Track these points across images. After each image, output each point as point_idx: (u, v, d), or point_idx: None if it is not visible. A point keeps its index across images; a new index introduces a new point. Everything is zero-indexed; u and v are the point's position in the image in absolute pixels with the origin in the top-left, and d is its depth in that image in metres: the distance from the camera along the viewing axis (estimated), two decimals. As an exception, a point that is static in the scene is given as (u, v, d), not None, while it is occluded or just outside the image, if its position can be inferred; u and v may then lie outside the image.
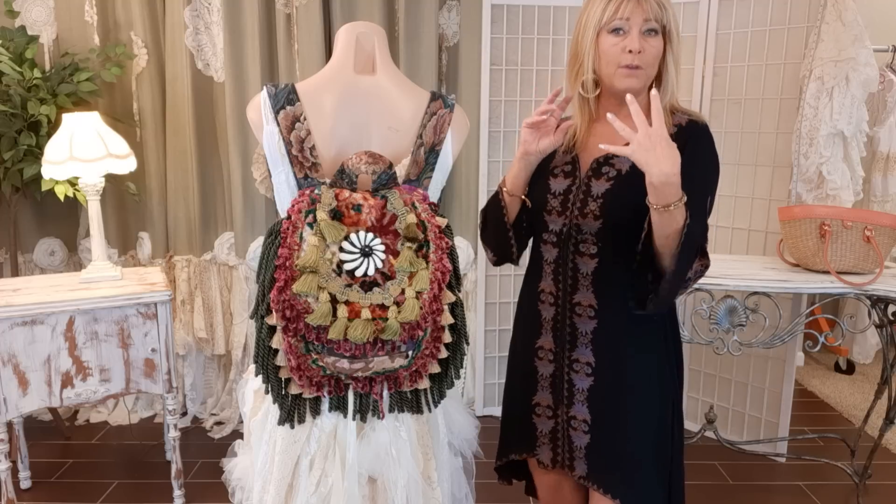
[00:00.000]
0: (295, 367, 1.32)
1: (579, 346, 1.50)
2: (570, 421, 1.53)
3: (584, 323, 1.49)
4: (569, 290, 1.50)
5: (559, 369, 1.54)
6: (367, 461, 1.43)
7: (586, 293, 1.48)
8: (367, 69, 1.49)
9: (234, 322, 3.17)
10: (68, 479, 2.73)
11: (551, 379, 1.55)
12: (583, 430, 1.52)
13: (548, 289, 1.53)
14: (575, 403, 1.52)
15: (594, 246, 1.46)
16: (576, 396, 1.52)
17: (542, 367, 1.56)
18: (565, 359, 1.52)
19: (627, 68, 1.41)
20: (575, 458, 1.53)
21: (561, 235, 1.50)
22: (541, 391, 1.57)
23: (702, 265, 1.39)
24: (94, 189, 2.44)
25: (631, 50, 1.40)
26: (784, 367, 2.87)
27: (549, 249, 1.53)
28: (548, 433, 1.57)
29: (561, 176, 1.53)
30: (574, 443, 1.53)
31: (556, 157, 1.55)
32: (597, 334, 1.48)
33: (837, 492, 2.67)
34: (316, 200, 1.32)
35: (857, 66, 2.60)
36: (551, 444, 1.57)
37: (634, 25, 1.40)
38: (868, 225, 2.29)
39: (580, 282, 1.48)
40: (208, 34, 3.01)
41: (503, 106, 3.12)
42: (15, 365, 2.23)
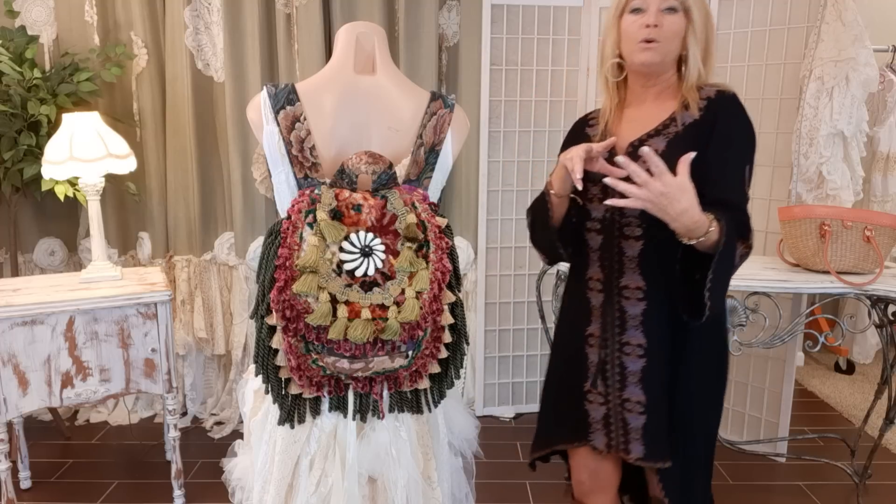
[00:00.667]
0: (295, 367, 1.32)
1: (629, 329, 1.53)
2: (624, 403, 1.54)
3: (632, 306, 1.52)
4: (616, 275, 1.53)
5: (609, 355, 1.55)
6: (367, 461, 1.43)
7: (634, 276, 1.51)
8: (367, 69, 1.49)
9: (234, 322, 3.17)
10: (68, 479, 2.73)
11: (600, 365, 1.57)
12: (638, 410, 1.53)
13: (595, 276, 1.57)
14: (628, 386, 1.53)
15: (638, 228, 1.49)
16: (628, 379, 1.53)
17: (593, 354, 1.58)
18: (615, 343, 1.54)
19: (644, 42, 1.46)
20: (630, 441, 1.54)
21: (604, 222, 1.53)
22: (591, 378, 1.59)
23: (745, 248, 1.43)
24: (94, 189, 2.44)
25: (647, 25, 1.45)
26: (784, 367, 2.87)
27: (593, 237, 1.56)
28: (600, 419, 1.58)
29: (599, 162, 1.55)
30: (630, 424, 1.54)
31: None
32: (646, 316, 1.51)
33: (837, 492, 2.67)
34: (316, 200, 1.32)
35: (857, 66, 2.60)
36: (605, 429, 1.58)
37: (653, 4, 1.46)
38: (868, 225, 2.29)
39: (626, 265, 1.52)
40: (208, 34, 3.01)
41: (503, 106, 3.12)
42: (15, 365, 2.23)
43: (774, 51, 2.83)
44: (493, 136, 3.12)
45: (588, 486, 1.66)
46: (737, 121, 1.48)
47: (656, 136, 1.50)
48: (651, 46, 1.47)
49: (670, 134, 1.49)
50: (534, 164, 3.18)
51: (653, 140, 1.49)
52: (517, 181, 3.17)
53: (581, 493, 1.69)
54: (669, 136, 1.49)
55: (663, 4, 1.46)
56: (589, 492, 1.67)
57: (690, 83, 1.50)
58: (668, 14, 1.46)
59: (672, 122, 1.50)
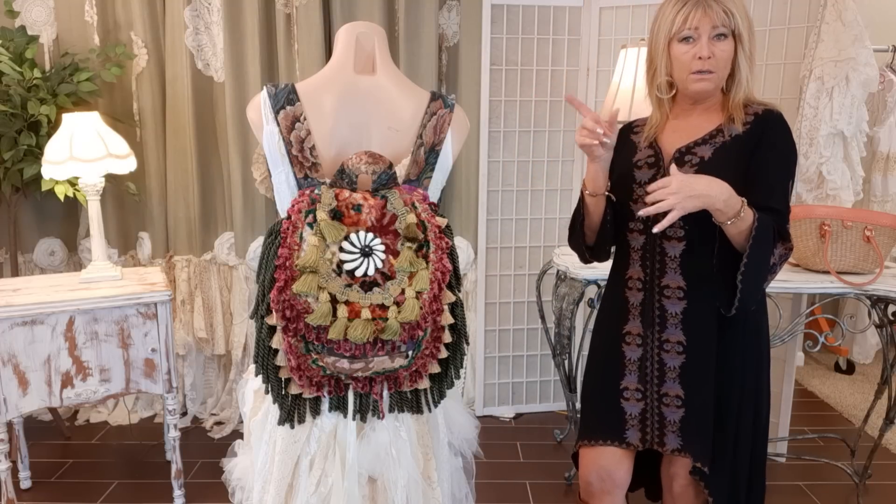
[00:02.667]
0: (295, 367, 1.32)
1: (669, 327, 1.57)
2: (662, 398, 1.58)
3: (673, 304, 1.56)
4: (657, 274, 1.57)
5: (648, 352, 1.59)
6: (367, 461, 1.43)
7: (674, 275, 1.56)
8: (367, 69, 1.49)
9: (234, 322, 3.17)
10: (68, 479, 2.73)
11: (639, 363, 1.60)
12: (675, 405, 1.57)
13: (636, 275, 1.61)
14: (666, 381, 1.58)
15: (681, 230, 1.53)
16: (667, 374, 1.57)
17: (630, 351, 1.61)
18: (654, 341, 1.59)
19: (699, 73, 1.50)
20: (666, 434, 1.58)
21: (647, 222, 1.56)
22: (628, 375, 1.62)
23: (786, 249, 1.49)
24: (94, 189, 2.44)
25: (700, 56, 1.49)
26: (784, 367, 2.87)
27: (635, 237, 1.60)
28: (637, 415, 1.61)
29: (645, 167, 1.59)
30: (667, 418, 1.58)
31: (638, 152, 1.62)
32: (686, 314, 1.55)
33: (837, 492, 2.67)
34: (316, 200, 1.32)
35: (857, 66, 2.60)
36: (640, 424, 1.61)
37: (703, 33, 1.49)
38: (868, 225, 2.29)
39: (668, 265, 1.56)
40: (208, 34, 3.01)
41: (503, 106, 3.12)
42: (15, 365, 2.23)
43: (774, 51, 2.83)
44: (493, 136, 3.12)
45: (597, 488, 1.67)
46: (783, 137, 1.53)
47: (703, 144, 1.55)
48: (706, 77, 1.51)
49: (717, 143, 1.54)
50: (534, 164, 3.18)
51: (700, 148, 1.54)
52: (517, 181, 3.17)
53: (588, 495, 1.70)
54: (716, 144, 1.54)
55: (713, 32, 1.49)
56: (597, 493, 1.68)
57: (738, 101, 1.54)
58: (719, 42, 1.49)
59: (719, 132, 1.55)
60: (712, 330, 1.56)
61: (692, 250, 1.54)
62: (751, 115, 1.55)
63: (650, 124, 1.63)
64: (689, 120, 1.60)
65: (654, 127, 1.62)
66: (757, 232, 1.42)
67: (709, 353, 1.56)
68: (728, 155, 1.52)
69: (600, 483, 1.66)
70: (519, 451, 2.86)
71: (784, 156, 1.53)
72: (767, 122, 1.53)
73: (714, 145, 1.54)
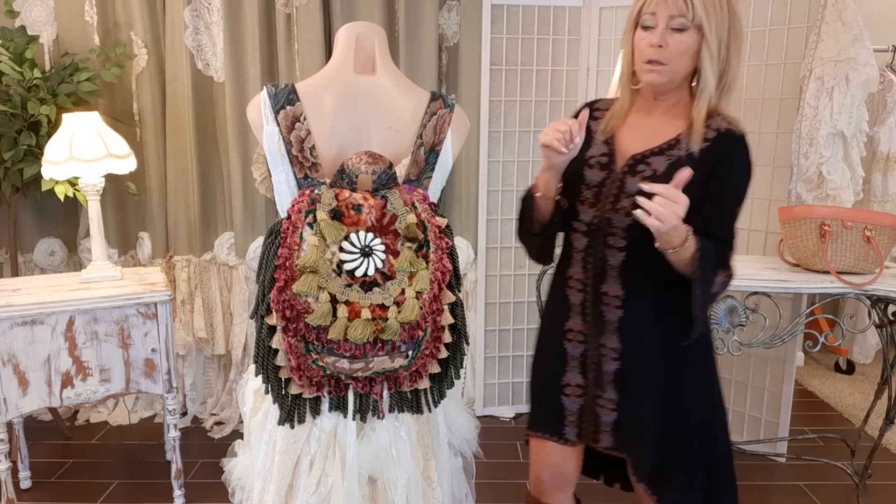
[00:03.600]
0: (295, 367, 1.32)
1: (606, 332, 1.54)
2: (597, 399, 1.56)
3: (610, 312, 1.53)
4: (597, 280, 1.53)
5: (588, 350, 1.57)
6: (367, 461, 1.43)
7: (613, 284, 1.51)
8: (367, 69, 1.49)
9: (234, 322, 3.17)
10: (68, 479, 2.73)
11: (581, 359, 1.58)
12: (609, 408, 1.55)
13: (576, 276, 1.56)
14: (603, 384, 1.55)
15: (622, 240, 1.48)
16: (604, 378, 1.55)
17: (572, 348, 1.59)
18: (594, 342, 1.56)
19: (649, 63, 1.44)
20: (600, 432, 1.57)
21: (591, 226, 1.52)
22: (570, 371, 1.59)
23: (726, 276, 1.45)
24: (94, 189, 2.44)
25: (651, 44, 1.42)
26: (784, 367, 2.87)
27: (578, 238, 1.55)
28: (576, 411, 1.60)
29: (597, 167, 1.53)
30: (601, 419, 1.57)
31: (592, 146, 1.55)
32: (623, 323, 1.52)
33: (837, 492, 2.67)
34: (316, 200, 1.32)
35: (857, 66, 2.60)
36: (578, 421, 1.60)
37: (661, 21, 1.41)
38: (868, 225, 2.29)
39: (608, 272, 1.51)
40: (208, 34, 3.01)
41: (503, 106, 3.11)
42: (15, 365, 2.23)
43: (774, 51, 2.83)
44: (493, 136, 3.12)
45: (548, 485, 1.68)
46: (742, 163, 1.47)
47: (659, 154, 1.48)
48: (655, 69, 1.44)
49: (673, 156, 1.47)
50: (534, 164, 3.18)
51: (655, 158, 1.48)
52: (517, 181, 3.17)
53: (539, 492, 1.70)
54: (672, 158, 1.47)
55: (671, 23, 1.41)
56: (549, 490, 1.69)
57: (700, 107, 1.46)
58: (676, 33, 1.41)
59: (677, 143, 1.48)
60: (652, 342, 1.52)
61: (632, 262, 1.49)
62: (713, 131, 1.46)
63: (611, 113, 1.56)
64: (650, 119, 1.53)
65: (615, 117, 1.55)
66: (701, 263, 1.38)
67: (647, 364, 1.52)
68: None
69: (552, 480, 1.67)
70: (519, 451, 2.85)
71: (739, 183, 1.47)
72: (729, 144, 1.46)
73: (670, 158, 1.47)
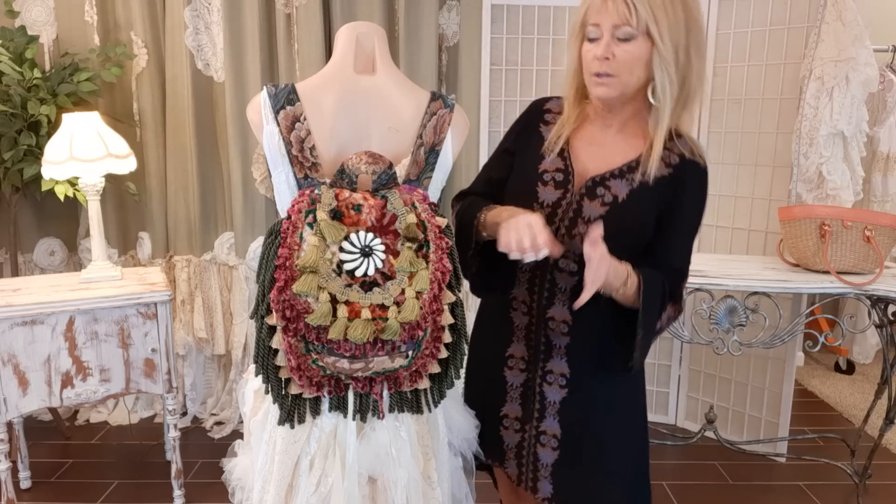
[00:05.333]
0: (295, 367, 1.32)
1: (554, 357, 1.44)
2: (539, 436, 1.46)
3: (557, 337, 1.44)
4: (544, 303, 1.43)
5: (531, 380, 1.47)
6: (367, 461, 1.43)
7: (561, 308, 1.42)
8: (367, 69, 1.49)
9: (234, 322, 3.17)
10: (68, 479, 2.73)
11: (521, 389, 1.48)
12: (552, 445, 1.45)
13: (521, 297, 1.46)
14: (546, 417, 1.45)
15: (575, 264, 1.39)
16: (547, 409, 1.45)
17: (512, 377, 1.49)
18: (538, 369, 1.46)
19: (597, 76, 1.33)
20: (539, 479, 1.48)
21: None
22: (510, 402, 1.51)
23: (675, 311, 1.40)
24: (94, 189, 2.44)
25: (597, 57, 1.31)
26: (784, 367, 2.87)
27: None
28: (514, 447, 1.52)
29: (551, 184, 1.42)
30: (540, 460, 1.47)
31: (546, 156, 1.45)
32: (570, 349, 1.43)
33: (837, 492, 2.67)
34: (316, 200, 1.32)
35: (857, 66, 2.60)
36: (516, 459, 1.52)
37: (605, 31, 1.30)
38: (868, 225, 2.29)
39: (557, 296, 1.42)
40: (208, 34, 3.01)
41: (503, 106, 3.11)
42: (15, 365, 2.23)
43: (774, 51, 2.83)
44: (493, 136, 3.12)
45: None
46: (700, 197, 1.41)
47: (619, 178, 1.39)
48: (604, 81, 1.32)
49: (634, 182, 1.38)
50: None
51: (615, 182, 1.38)
52: (517, 181, 3.17)
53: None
54: (633, 184, 1.38)
55: (616, 32, 1.28)
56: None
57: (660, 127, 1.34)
58: (623, 43, 1.29)
59: (636, 164, 1.38)
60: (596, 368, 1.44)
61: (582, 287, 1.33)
62: (676, 155, 1.37)
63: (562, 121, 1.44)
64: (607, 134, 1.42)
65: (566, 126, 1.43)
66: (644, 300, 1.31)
67: (594, 389, 1.44)
68: (640, 200, 1.37)
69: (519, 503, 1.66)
70: (519, 451, 2.85)
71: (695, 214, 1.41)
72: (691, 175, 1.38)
73: (630, 184, 1.37)
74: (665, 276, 1.37)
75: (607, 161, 1.40)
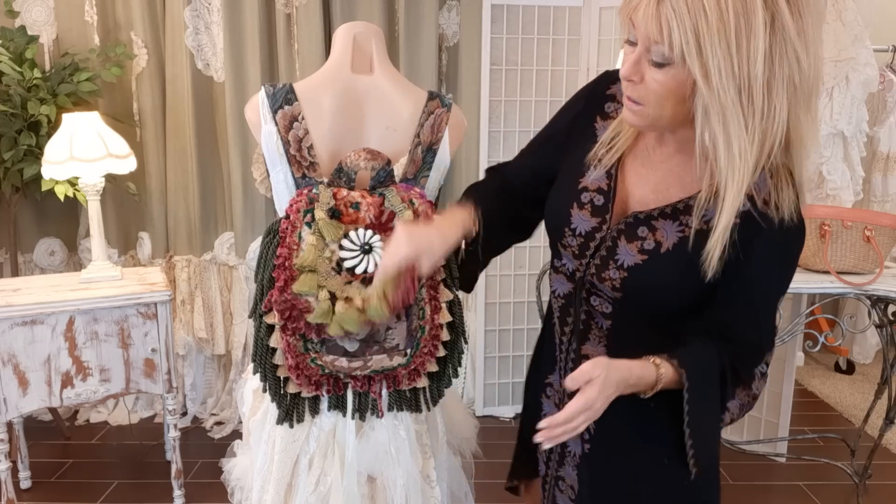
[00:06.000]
0: (293, 366, 1.32)
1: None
2: (558, 482, 1.26)
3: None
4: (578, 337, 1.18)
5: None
6: (366, 460, 1.43)
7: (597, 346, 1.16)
8: (365, 69, 1.49)
9: (234, 322, 3.18)
10: (68, 479, 2.73)
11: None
12: (569, 496, 1.24)
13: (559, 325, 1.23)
14: (565, 465, 1.24)
15: (609, 305, 1.13)
16: (567, 459, 1.23)
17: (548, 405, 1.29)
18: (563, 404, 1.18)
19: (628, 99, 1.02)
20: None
21: (574, 277, 1.17)
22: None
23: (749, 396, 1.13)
24: (94, 189, 2.44)
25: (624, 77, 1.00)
26: (784, 367, 2.86)
27: (561, 281, 1.21)
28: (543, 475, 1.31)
29: (588, 208, 1.13)
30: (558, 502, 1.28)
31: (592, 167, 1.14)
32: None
33: (837, 492, 2.67)
34: (314, 200, 1.32)
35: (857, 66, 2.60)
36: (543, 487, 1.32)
37: (640, 42, 0.95)
38: (868, 225, 2.29)
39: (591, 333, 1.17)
40: (208, 34, 3.01)
41: (503, 106, 3.11)
42: (15, 365, 2.23)
43: (774, 51, 2.83)
44: (493, 136, 3.12)
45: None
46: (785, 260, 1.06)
47: (668, 219, 1.06)
48: (632, 108, 1.01)
49: (684, 229, 1.05)
50: (534, 164, 3.17)
51: (662, 224, 1.06)
52: (517, 181, 3.17)
53: None
54: (683, 230, 1.05)
55: (651, 50, 0.94)
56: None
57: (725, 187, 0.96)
58: (656, 68, 0.94)
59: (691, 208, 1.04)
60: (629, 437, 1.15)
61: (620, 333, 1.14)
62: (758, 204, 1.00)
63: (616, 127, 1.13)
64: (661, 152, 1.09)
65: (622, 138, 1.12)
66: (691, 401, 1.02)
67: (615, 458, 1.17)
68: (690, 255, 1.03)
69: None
70: (519, 451, 2.85)
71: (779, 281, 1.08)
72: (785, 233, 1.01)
73: (681, 230, 1.04)
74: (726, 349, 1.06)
75: (657, 191, 1.08)
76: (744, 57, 0.88)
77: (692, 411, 1.03)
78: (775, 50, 0.89)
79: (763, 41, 0.88)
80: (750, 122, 0.91)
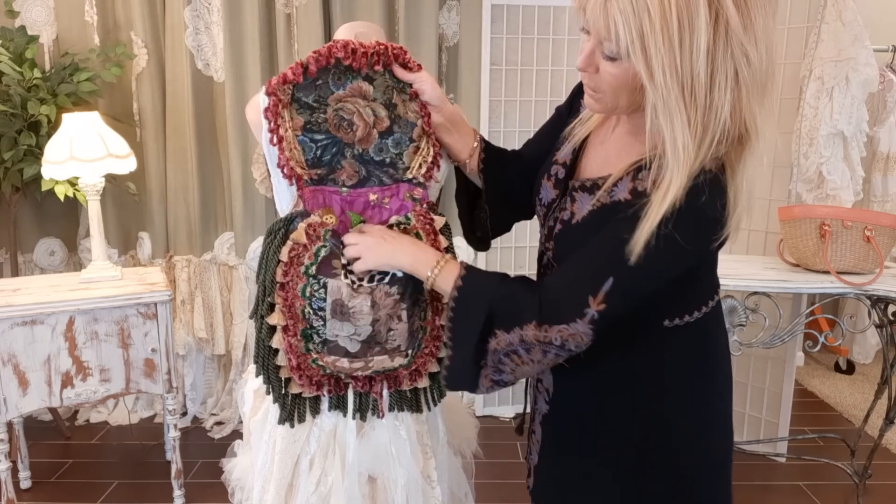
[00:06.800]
0: (295, 367, 1.32)
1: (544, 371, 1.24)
2: (531, 434, 1.34)
3: None
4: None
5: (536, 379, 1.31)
6: (367, 460, 1.43)
7: None
8: (367, 69, 1.49)
9: (234, 322, 3.18)
10: (68, 479, 2.73)
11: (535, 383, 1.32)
12: (535, 449, 1.30)
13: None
14: (535, 420, 1.30)
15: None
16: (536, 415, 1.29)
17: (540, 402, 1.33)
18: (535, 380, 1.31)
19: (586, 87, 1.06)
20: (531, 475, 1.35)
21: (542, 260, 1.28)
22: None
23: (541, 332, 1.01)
24: (94, 189, 2.44)
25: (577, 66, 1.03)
26: (784, 367, 2.87)
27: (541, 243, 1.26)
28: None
29: (552, 180, 1.19)
30: (531, 455, 1.35)
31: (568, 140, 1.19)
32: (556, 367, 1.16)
33: (837, 492, 2.67)
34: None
35: (857, 66, 2.60)
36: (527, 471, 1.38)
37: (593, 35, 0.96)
38: (868, 225, 2.29)
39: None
40: (208, 34, 3.01)
41: (503, 106, 3.12)
42: (15, 365, 2.23)
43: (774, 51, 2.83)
44: (493, 136, 3.12)
45: None
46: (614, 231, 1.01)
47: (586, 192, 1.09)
48: (591, 95, 1.04)
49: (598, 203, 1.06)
50: (534, 164, 3.18)
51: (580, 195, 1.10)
52: (517, 181, 3.17)
53: None
54: (595, 206, 1.06)
55: (600, 47, 0.96)
56: None
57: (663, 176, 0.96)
58: (608, 61, 0.96)
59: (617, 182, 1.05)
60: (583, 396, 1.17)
61: None
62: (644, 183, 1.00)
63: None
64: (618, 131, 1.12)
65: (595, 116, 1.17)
66: (457, 301, 1.08)
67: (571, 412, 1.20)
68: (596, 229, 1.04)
69: None
70: (519, 451, 2.85)
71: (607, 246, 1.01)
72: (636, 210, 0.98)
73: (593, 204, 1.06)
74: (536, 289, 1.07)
75: (602, 169, 1.10)
76: (686, 55, 0.88)
77: (456, 318, 1.08)
78: (718, 46, 0.89)
79: (706, 38, 0.87)
80: (692, 118, 0.91)
